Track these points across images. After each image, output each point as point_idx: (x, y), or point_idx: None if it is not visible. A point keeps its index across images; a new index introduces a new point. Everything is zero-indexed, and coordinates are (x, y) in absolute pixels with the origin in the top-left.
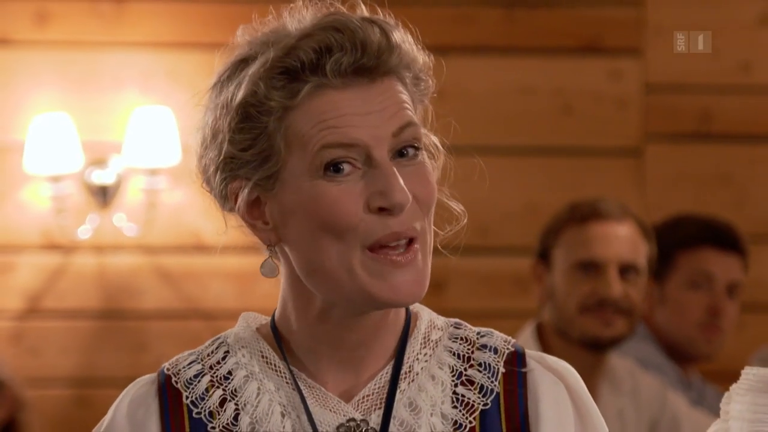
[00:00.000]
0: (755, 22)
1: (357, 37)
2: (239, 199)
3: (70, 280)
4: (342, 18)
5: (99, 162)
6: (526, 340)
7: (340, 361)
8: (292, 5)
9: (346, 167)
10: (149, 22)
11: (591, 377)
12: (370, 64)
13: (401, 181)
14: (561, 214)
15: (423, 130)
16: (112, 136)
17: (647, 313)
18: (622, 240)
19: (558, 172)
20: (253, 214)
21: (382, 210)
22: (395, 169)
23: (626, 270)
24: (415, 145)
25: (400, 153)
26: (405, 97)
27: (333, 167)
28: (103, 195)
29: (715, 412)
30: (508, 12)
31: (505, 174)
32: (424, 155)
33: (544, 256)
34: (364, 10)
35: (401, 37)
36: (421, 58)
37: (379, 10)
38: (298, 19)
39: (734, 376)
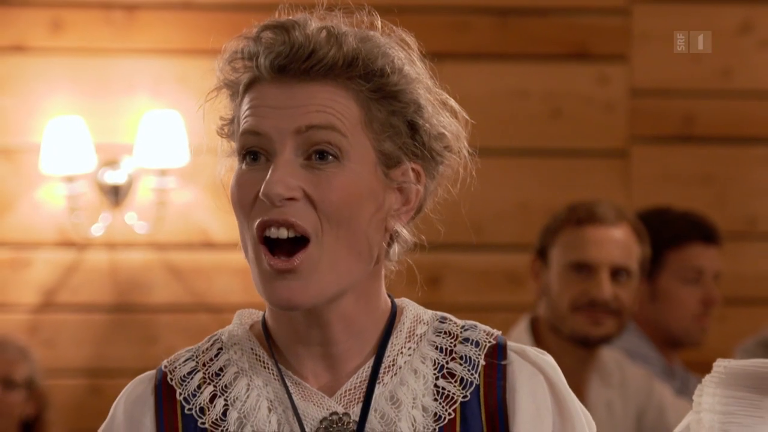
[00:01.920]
0: (735, 30)
1: (294, 38)
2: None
3: (84, 275)
4: (297, 20)
5: (111, 163)
6: (520, 333)
7: (317, 357)
8: (305, 8)
9: (261, 157)
10: (159, 29)
11: (581, 371)
12: (298, 63)
13: (282, 175)
14: (560, 215)
15: (389, 147)
16: (124, 138)
17: (637, 308)
18: (615, 244)
19: (549, 173)
20: None
21: (263, 199)
22: (290, 166)
23: (618, 273)
24: (326, 150)
25: (311, 155)
26: (336, 103)
27: (251, 155)
28: (115, 194)
29: None
30: (501, 20)
31: (499, 174)
32: (347, 165)
33: (542, 253)
34: (379, 21)
35: (359, 48)
36: (404, 76)
37: (377, 19)
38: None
39: None
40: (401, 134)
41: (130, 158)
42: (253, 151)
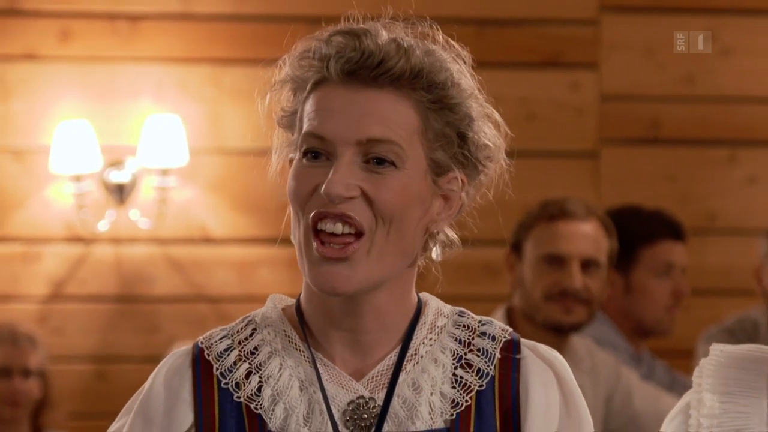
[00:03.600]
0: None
1: (365, 45)
2: (290, 154)
3: (91, 268)
4: (370, 28)
5: (116, 163)
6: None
7: (348, 344)
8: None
9: (321, 156)
10: (161, 39)
11: None
12: (367, 69)
13: (343, 176)
14: (532, 211)
15: (443, 158)
16: (128, 140)
17: (610, 299)
18: (585, 237)
19: (523, 173)
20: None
21: (323, 196)
22: (350, 167)
23: (587, 264)
24: (385, 158)
25: (370, 160)
26: (397, 113)
27: (312, 153)
28: (120, 193)
29: (664, 385)
30: (479, 30)
31: None
32: (402, 171)
33: (516, 247)
34: (440, 37)
35: (424, 61)
36: (461, 89)
37: (437, 34)
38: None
39: (680, 353)
40: (453, 144)
41: (133, 159)
42: (315, 151)
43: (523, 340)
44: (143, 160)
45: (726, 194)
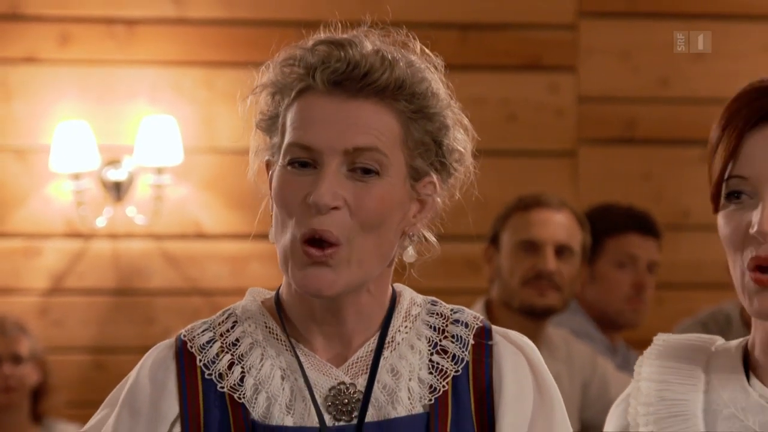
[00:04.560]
0: (671, 45)
1: (351, 55)
2: (266, 156)
3: (89, 262)
4: (355, 39)
5: (113, 162)
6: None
7: (328, 334)
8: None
9: (308, 165)
10: (156, 43)
11: None
12: (353, 80)
13: (330, 186)
14: (509, 205)
15: (422, 165)
16: (125, 140)
17: (579, 290)
18: (558, 225)
19: (504, 171)
20: (270, 179)
21: (310, 206)
22: (336, 177)
23: (561, 250)
24: (370, 167)
25: (362, 169)
26: (384, 123)
27: (297, 163)
28: (117, 190)
29: None
30: (462, 35)
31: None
32: (387, 179)
33: (494, 240)
34: (417, 48)
35: (407, 72)
36: (438, 95)
37: (416, 46)
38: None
39: None
40: (431, 152)
41: (130, 158)
42: (301, 161)
43: (494, 327)
44: (139, 159)
45: (699, 192)
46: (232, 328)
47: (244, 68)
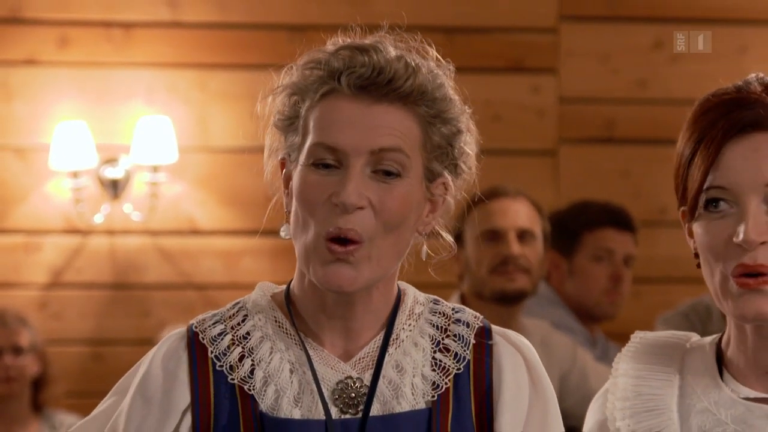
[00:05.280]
0: (649, 47)
1: (376, 61)
2: (284, 167)
3: (87, 258)
4: (380, 45)
5: (111, 161)
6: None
7: (337, 329)
8: (383, 31)
9: (331, 165)
10: (152, 45)
11: None
12: (379, 85)
13: (357, 186)
14: (466, 200)
15: (438, 168)
16: (122, 139)
17: (558, 283)
18: (517, 211)
19: (489, 170)
20: (286, 182)
21: (335, 205)
22: (361, 178)
23: (523, 235)
24: (393, 169)
25: (384, 171)
26: (406, 127)
27: (321, 163)
28: (114, 188)
29: None
30: (448, 37)
31: None
32: (407, 180)
33: (457, 238)
34: (433, 53)
35: (430, 78)
36: (451, 99)
37: (433, 53)
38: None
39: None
40: (445, 154)
41: (126, 156)
42: (326, 162)
43: (494, 327)
44: (136, 157)
45: None
46: (243, 321)
47: (237, 70)
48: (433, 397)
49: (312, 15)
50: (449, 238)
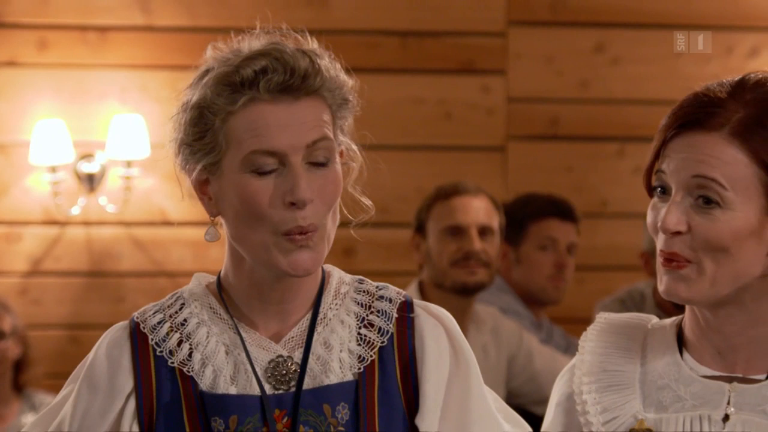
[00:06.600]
0: (590, 50)
1: (287, 63)
2: (192, 176)
3: (65, 247)
4: (279, 47)
5: (87, 156)
6: (410, 293)
7: (269, 313)
8: (251, 32)
9: (269, 168)
10: (126, 48)
11: (461, 320)
12: (295, 85)
13: (306, 182)
14: (429, 195)
15: (344, 139)
16: (97, 136)
17: (505, 271)
18: (478, 209)
19: (441, 164)
20: (202, 189)
21: (291, 204)
22: (304, 172)
23: (483, 231)
24: (326, 156)
25: (313, 161)
26: (324, 115)
27: (261, 169)
28: (90, 182)
29: (561, 349)
30: (402, 41)
31: (401, 166)
32: (335, 164)
33: (419, 229)
34: (300, 41)
35: (327, 65)
36: (345, 80)
37: (309, 40)
38: (251, 43)
39: (575, 320)
40: (344, 129)
41: (102, 152)
42: (265, 166)
43: (415, 301)
44: (110, 153)
45: (615, 183)
46: (180, 309)
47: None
48: (360, 369)
49: (275, 19)
50: (367, 201)
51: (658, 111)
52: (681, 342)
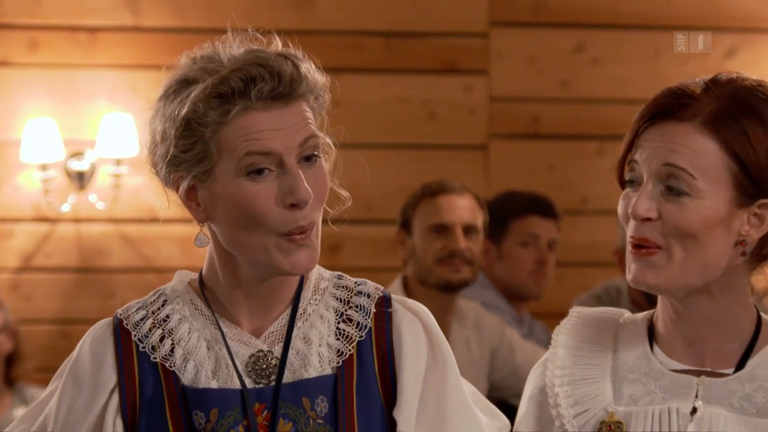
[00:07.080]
0: (571, 51)
1: (274, 70)
2: (180, 187)
3: (55, 243)
4: (263, 54)
5: (77, 154)
6: (395, 288)
7: (254, 308)
8: (223, 37)
9: (265, 171)
10: (115, 48)
11: (444, 315)
12: (285, 91)
13: (305, 183)
14: (415, 192)
15: (321, 135)
16: (87, 135)
17: (487, 267)
18: (463, 207)
19: (425, 162)
20: (190, 197)
21: (292, 205)
22: (301, 172)
23: (468, 230)
24: (316, 152)
25: (305, 158)
26: (309, 114)
27: (255, 170)
28: (80, 179)
29: (542, 344)
30: (386, 41)
31: (385, 164)
32: (321, 158)
33: (405, 225)
34: (279, 43)
35: (307, 67)
36: (321, 79)
37: (289, 43)
38: (228, 49)
39: (556, 315)
40: (323, 128)
41: (92, 151)
42: (260, 168)
43: (393, 296)
44: (100, 151)
45: (595, 181)
46: (163, 306)
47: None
48: (338, 363)
49: (261, 20)
50: (345, 192)
51: (637, 110)
52: (652, 336)
